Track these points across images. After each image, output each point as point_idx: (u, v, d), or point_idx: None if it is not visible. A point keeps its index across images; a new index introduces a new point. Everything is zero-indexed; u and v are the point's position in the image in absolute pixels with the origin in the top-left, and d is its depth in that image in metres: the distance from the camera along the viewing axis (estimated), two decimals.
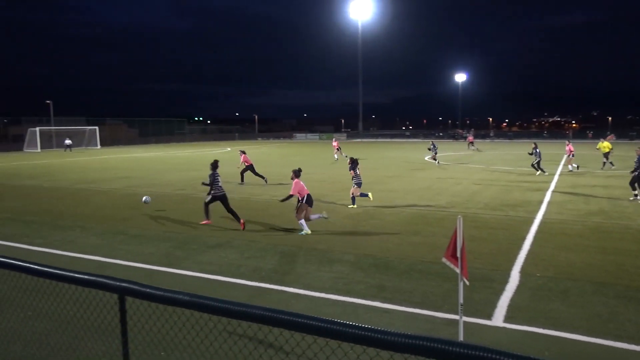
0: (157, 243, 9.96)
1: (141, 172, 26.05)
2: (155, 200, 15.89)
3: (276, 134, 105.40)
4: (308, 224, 10.87)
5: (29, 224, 12.23)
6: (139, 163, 33.64)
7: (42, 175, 25.50)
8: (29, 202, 16.03)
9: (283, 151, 47.71)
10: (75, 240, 10.35)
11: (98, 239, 10.38)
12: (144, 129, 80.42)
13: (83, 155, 45.19)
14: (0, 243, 10.14)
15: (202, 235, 10.63)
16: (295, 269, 8.06)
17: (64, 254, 9.21)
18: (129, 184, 20.34)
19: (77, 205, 15.09)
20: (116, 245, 9.79)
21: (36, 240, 10.38)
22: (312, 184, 19.38)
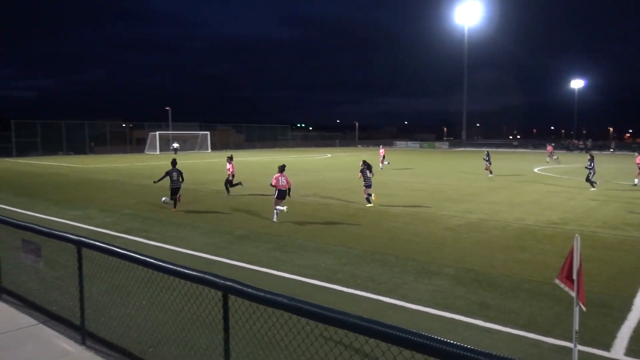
0: (259, 244, 10.32)
1: (246, 176, 27.25)
2: (260, 203, 16.50)
3: (376, 141, 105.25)
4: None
5: (147, 220, 13.27)
6: (244, 167, 35.24)
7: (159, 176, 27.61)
8: (147, 199, 17.41)
9: None
10: (186, 237, 11.04)
11: (206, 237, 10.98)
12: (250, 134, 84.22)
13: (194, 158, 48.37)
14: (123, 236, 11.11)
15: (301, 239, 10.83)
16: (392, 279, 7.92)
17: (175, 249, 9.86)
18: (236, 189, 21.31)
19: (189, 204, 16.10)
20: (222, 244, 10.29)
21: (152, 235, 11.22)
22: (412, 193, 19.02)
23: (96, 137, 67.04)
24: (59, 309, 6.27)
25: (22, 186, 22.36)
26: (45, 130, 58.86)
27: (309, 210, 14.91)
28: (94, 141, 64.40)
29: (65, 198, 17.88)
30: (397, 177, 26.34)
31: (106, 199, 17.53)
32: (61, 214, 14.22)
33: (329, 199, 17.40)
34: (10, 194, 19.18)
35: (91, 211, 14.80)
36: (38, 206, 15.86)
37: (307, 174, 28.08)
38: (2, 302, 6.61)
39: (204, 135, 70.36)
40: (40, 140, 56.82)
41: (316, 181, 23.83)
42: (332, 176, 26.65)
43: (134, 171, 31.20)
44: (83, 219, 13.35)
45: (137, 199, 17.49)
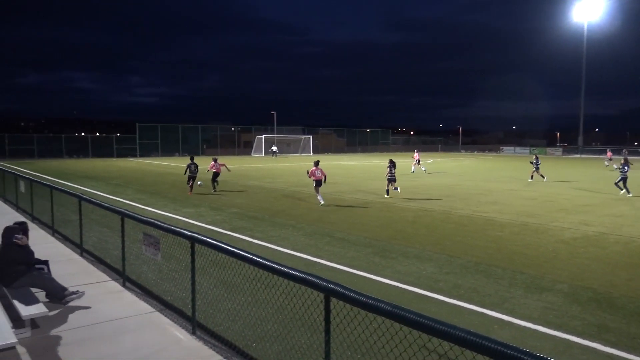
0: (359, 248, 10.31)
1: (348, 179, 27.45)
2: (359, 207, 16.53)
3: (481, 147, 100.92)
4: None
5: (252, 219, 13.86)
6: (345, 170, 35.52)
7: (264, 177, 28.78)
8: (253, 200, 18.20)
9: (487, 165, 45.34)
10: (288, 237, 11.35)
11: (307, 239, 11.20)
12: (351, 138, 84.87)
13: (296, 160, 49.72)
14: (230, 234, 11.69)
15: (402, 245, 10.66)
16: (499, 292, 7.50)
17: (278, 249, 10.17)
18: (336, 189, 21.59)
19: (291, 206, 16.56)
20: (322, 246, 10.43)
21: (257, 234, 11.68)
22: (521, 201, 17.95)
23: (208, 139, 71.55)
24: (173, 299, 6.73)
25: (144, 184, 24.43)
26: (164, 133, 63.92)
27: (409, 215, 14.66)
28: (206, 143, 68.80)
29: (180, 196, 19.24)
30: (504, 184, 25.01)
31: (216, 198, 18.57)
32: (176, 211, 15.31)
33: (431, 204, 16.96)
34: (133, 191, 21.04)
35: (203, 209, 15.77)
36: (157, 203, 17.23)
37: (407, 178, 27.65)
38: (126, 290, 7.25)
39: (307, 139, 72.21)
40: (159, 142, 61.78)
41: (417, 186, 23.37)
42: (434, 182, 25.98)
43: (241, 172, 32.77)
44: (196, 216, 14.26)
45: (243, 199, 18.33)
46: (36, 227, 12.30)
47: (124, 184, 24.23)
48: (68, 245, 10.20)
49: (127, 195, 19.31)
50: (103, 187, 22.91)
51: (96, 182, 25.17)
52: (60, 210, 12.13)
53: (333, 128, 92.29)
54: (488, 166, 43.10)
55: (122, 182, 25.59)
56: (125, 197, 18.85)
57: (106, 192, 20.55)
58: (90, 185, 23.59)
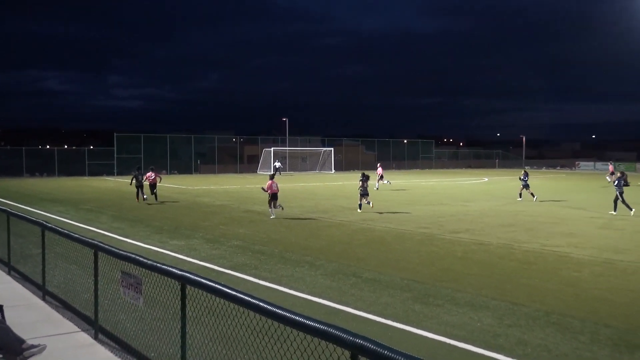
0: (394, 292, 10.23)
1: (378, 203, 27.42)
2: (393, 238, 16.46)
3: (550, 162, 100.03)
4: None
5: (258, 254, 13.89)
6: (376, 192, 35.51)
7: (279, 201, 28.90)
8: (259, 229, 18.27)
9: (559, 185, 44.83)
10: (303, 277, 11.33)
11: (328, 279, 11.17)
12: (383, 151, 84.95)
13: (314, 179, 49.85)
14: (230, 273, 11.72)
15: (449, 289, 10.54)
16: (577, 350, 7.34)
17: (290, 292, 10.14)
18: (365, 217, 21.56)
19: (307, 237, 16.58)
20: (347, 290, 10.37)
21: (263, 273, 11.69)
22: (603, 232, 17.64)
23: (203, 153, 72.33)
24: (157, 355, 6.73)
25: (122, 209, 24.74)
26: (148, 144, 64.88)
27: (459, 250, 14.53)
28: (200, 158, 69.54)
29: (167, 225, 19.42)
30: (581, 210, 24.66)
31: (212, 227, 18.70)
32: (163, 244, 15.43)
33: (487, 237, 16.81)
34: (110, 218, 21.31)
35: (195, 241, 15.87)
36: (138, 233, 17.41)
37: (456, 202, 27.49)
38: (99, 343, 7.29)
39: (327, 152, 72.47)
40: (143, 157, 62.56)
41: (468, 213, 23.21)
42: (491, 207, 25.77)
43: (244, 194, 33.00)
44: (186, 250, 14.36)
45: (247, 228, 18.41)
46: None
47: (97, 209, 24.57)
48: (27, 286, 10.32)
49: (101, 224, 19.56)
50: (72, 212, 23.25)
51: (64, 207, 25.57)
52: (19, 242, 12.33)
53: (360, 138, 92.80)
54: (560, 187, 42.61)
55: (96, 206, 25.96)
56: (99, 225, 19.09)
57: (76, 219, 20.86)
58: (56, 210, 23.98)
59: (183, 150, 71.46)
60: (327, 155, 72.25)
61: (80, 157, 61.74)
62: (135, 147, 64.10)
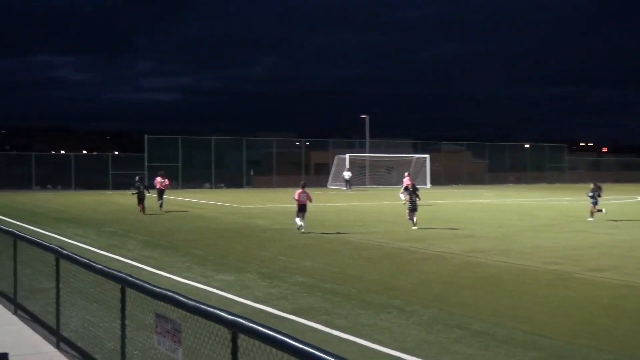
0: (514, 350, 10.00)
1: (491, 229, 26.93)
2: (510, 277, 16.13)
3: None
4: None
5: (329, 294, 13.90)
6: (488, 213, 34.95)
7: (351, 224, 28.92)
8: (331, 261, 18.30)
9: None
10: (390, 327, 11.23)
11: (423, 331, 11.03)
12: (497, 159, 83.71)
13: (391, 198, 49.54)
14: (293, 318, 11.77)
15: (591, 347, 10.22)
16: None
17: (373, 347, 10.07)
18: (471, 247, 21.25)
19: (395, 274, 16.47)
20: (449, 345, 10.22)
21: (337, 320, 11.67)
22: None
23: (257, 161, 73.29)
24: None
25: (154, 233, 25.37)
26: (187, 150, 66.24)
27: (603, 296, 14.07)
28: (253, 167, 70.49)
29: (212, 253, 19.77)
30: None
31: (270, 258, 18.88)
32: (206, 278, 15.70)
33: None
34: (139, 244, 21.90)
35: (248, 275, 16.06)
36: (175, 264, 17.79)
37: (597, 229, 26.68)
38: None
39: (421, 160, 71.88)
40: (180, 166, 63.83)
41: (615, 244, 22.49)
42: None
43: (311, 215, 33.18)
44: (237, 288, 14.53)
45: (315, 260, 18.49)
46: None
47: (124, 233, 25.30)
48: (38, 329, 10.68)
49: (129, 251, 20.12)
50: (93, 237, 24.03)
51: (82, 229, 26.47)
52: (27, 273, 12.81)
53: (465, 142, 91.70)
54: None
55: (122, 229, 26.74)
56: (126, 253, 19.65)
57: (97, 245, 21.54)
58: (72, 233, 24.85)
59: (231, 157, 72.64)
60: (420, 165, 71.67)
61: (102, 165, 63.59)
62: (170, 152, 65.48)
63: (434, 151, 78.58)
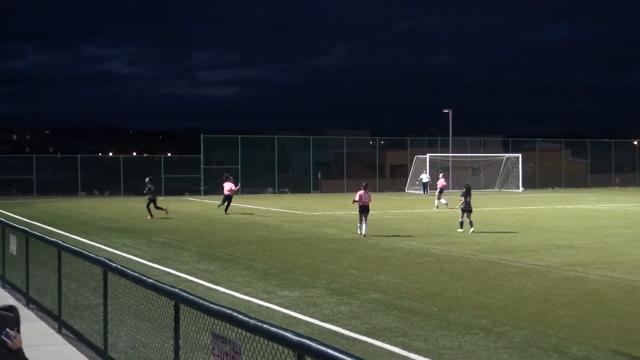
0: None
1: (594, 239, 26.41)
2: (622, 295, 15.79)
3: None
4: None
5: (407, 313, 13.83)
6: (591, 221, 34.28)
7: (431, 233, 28.74)
8: (409, 276, 18.23)
9: None
10: (476, 351, 11.12)
11: (514, 355, 10.87)
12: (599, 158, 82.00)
13: (489, 202, 49.01)
14: (366, 341, 11.74)
15: None
16: None
17: None
18: (570, 260, 20.89)
19: (482, 290, 16.28)
20: None
21: (416, 342, 11.60)
22: None
23: (325, 162, 73.44)
24: None
25: (211, 243, 25.66)
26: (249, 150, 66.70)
27: None
28: (321, 169, 70.64)
29: (275, 267, 19.89)
30: None
31: (340, 272, 18.90)
32: (269, 294, 15.79)
33: None
34: (195, 256, 22.18)
35: (316, 292, 16.09)
36: (234, 278, 17.95)
37: None
38: None
39: (512, 160, 71.03)
40: (240, 168, 64.40)
41: None
42: None
43: (384, 223, 33.09)
44: (303, 306, 14.57)
45: (391, 275, 18.43)
46: (32, 315, 13.38)
47: (178, 244, 25.67)
48: (84, 349, 10.92)
49: (183, 264, 20.41)
50: (144, 247, 24.48)
51: (132, 240, 26.96)
52: (72, 288, 13.09)
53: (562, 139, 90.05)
54: None
55: (176, 239, 27.14)
56: (180, 266, 19.94)
57: (149, 257, 21.93)
58: (122, 244, 25.33)
59: (297, 158, 73.07)
60: (511, 165, 70.88)
61: (154, 169, 64.47)
62: (229, 153, 66.12)
63: (527, 150, 77.57)
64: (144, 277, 8.82)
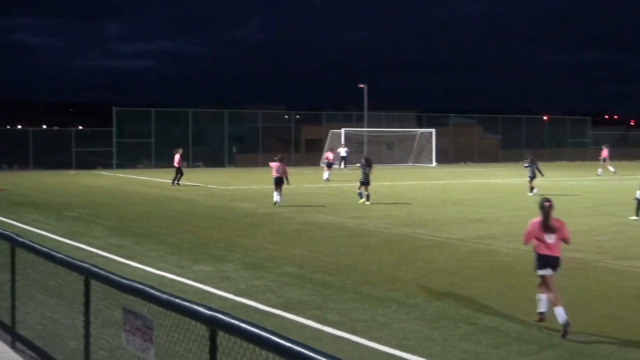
0: (531, 348, 10.03)
1: (505, 212, 26.97)
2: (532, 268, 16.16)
3: None
4: None
5: (321, 286, 13.90)
6: (501, 195, 34.99)
7: (346, 207, 28.90)
8: (324, 250, 18.31)
9: None
10: (389, 323, 11.25)
11: (426, 327, 11.05)
12: (511, 134, 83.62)
13: (404, 177, 49.61)
14: (280, 314, 11.77)
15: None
16: None
17: (370, 345, 10.09)
18: (481, 233, 21.29)
19: (396, 263, 16.49)
20: (455, 343, 10.24)
21: (330, 315, 11.67)
22: None
23: (240, 136, 73.10)
24: None
25: (124, 218, 25.33)
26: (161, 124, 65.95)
27: (629, 287, 14.12)
28: (236, 144, 70.31)
29: (189, 242, 19.75)
30: None
31: (254, 247, 18.89)
32: (182, 269, 15.67)
33: None
34: (107, 231, 21.86)
35: (230, 266, 16.04)
36: (147, 253, 17.76)
37: (625, 213, 26.71)
38: None
39: (426, 135, 71.90)
40: (154, 142, 63.73)
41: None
42: None
43: (301, 197, 33.15)
44: (217, 280, 14.51)
45: (306, 249, 18.48)
46: None
47: (89, 218, 25.25)
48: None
49: (95, 239, 20.08)
50: (54, 222, 23.99)
51: (42, 214, 26.40)
52: None
53: (475, 115, 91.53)
54: None
55: (87, 213, 26.69)
56: (92, 241, 19.60)
57: (59, 232, 21.50)
58: (31, 219, 24.77)
59: (211, 132, 72.41)
60: (425, 140, 71.73)
61: (65, 142, 63.22)
62: (142, 127, 65.22)
63: (440, 125, 78.46)
64: (54, 252, 8.66)
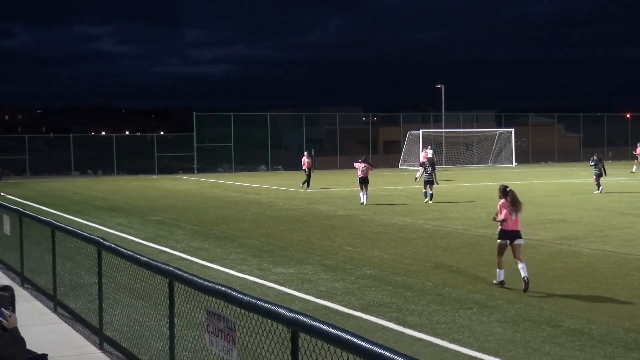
0: (616, 351, 9.84)
1: (587, 212, 26.47)
2: (616, 269, 15.83)
3: None
4: None
5: (401, 289, 13.89)
6: (583, 195, 34.33)
7: (425, 209, 28.75)
8: (404, 252, 18.27)
9: None
10: (470, 325, 11.18)
11: (508, 329, 10.94)
12: (592, 132, 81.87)
13: (483, 178, 49.05)
14: (360, 316, 11.80)
15: None
16: None
17: (451, 347, 10.04)
18: (563, 234, 20.98)
19: (477, 264, 16.41)
20: (538, 346, 10.11)
21: (410, 318, 11.66)
22: None
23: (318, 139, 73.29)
24: None
25: (205, 222, 25.68)
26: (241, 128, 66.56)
27: None
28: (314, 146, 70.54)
29: (269, 244, 19.91)
30: None
31: (334, 248, 18.97)
32: (263, 271, 15.84)
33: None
34: (188, 234, 22.20)
35: (310, 268, 16.15)
36: (228, 256, 17.99)
37: None
38: None
39: (505, 135, 70.94)
40: (233, 146, 64.30)
41: None
42: None
43: (381, 200, 33.08)
44: (297, 282, 14.63)
45: (385, 251, 18.46)
46: (27, 295, 13.40)
47: (172, 222, 25.68)
48: (79, 328, 10.94)
49: (177, 242, 20.44)
50: (138, 226, 24.48)
51: (126, 219, 26.96)
52: (67, 268, 13.10)
53: (556, 113, 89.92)
54: None
55: (170, 218, 27.15)
56: (174, 245, 19.96)
57: (143, 235, 21.96)
58: (116, 223, 25.35)
59: (289, 135, 72.86)
60: (504, 140, 70.79)
61: (147, 148, 64.47)
62: (221, 131, 65.87)
63: (520, 124, 77.39)
64: (138, 256, 8.83)
